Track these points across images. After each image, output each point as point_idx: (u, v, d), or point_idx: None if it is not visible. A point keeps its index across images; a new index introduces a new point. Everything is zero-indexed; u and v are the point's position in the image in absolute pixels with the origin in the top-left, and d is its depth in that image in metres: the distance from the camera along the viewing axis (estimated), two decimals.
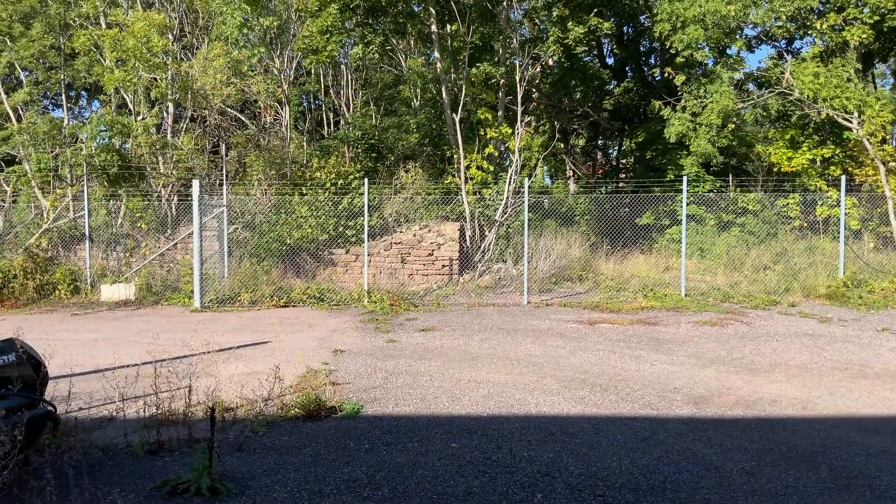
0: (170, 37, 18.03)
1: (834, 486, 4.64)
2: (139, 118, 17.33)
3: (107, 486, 4.50)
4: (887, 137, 17.47)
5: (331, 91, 24.14)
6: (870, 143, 15.78)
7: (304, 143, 20.43)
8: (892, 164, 16.62)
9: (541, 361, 8.35)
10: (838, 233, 14.27)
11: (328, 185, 15.75)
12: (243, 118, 21.03)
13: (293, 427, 5.85)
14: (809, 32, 17.57)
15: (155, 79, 17.04)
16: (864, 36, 16.01)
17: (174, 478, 4.59)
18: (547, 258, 15.52)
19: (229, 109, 20.08)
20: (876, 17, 15.99)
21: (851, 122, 15.90)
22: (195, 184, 12.92)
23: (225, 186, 15.40)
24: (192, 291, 13.08)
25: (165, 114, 18.37)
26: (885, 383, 7.39)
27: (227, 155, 17.27)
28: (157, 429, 5.41)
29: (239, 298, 13.05)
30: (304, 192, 15.59)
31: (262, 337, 9.87)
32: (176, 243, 15.57)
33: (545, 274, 15.21)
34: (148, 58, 16.05)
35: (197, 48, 19.34)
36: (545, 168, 29.28)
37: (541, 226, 16.85)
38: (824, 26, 16.38)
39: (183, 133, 17.97)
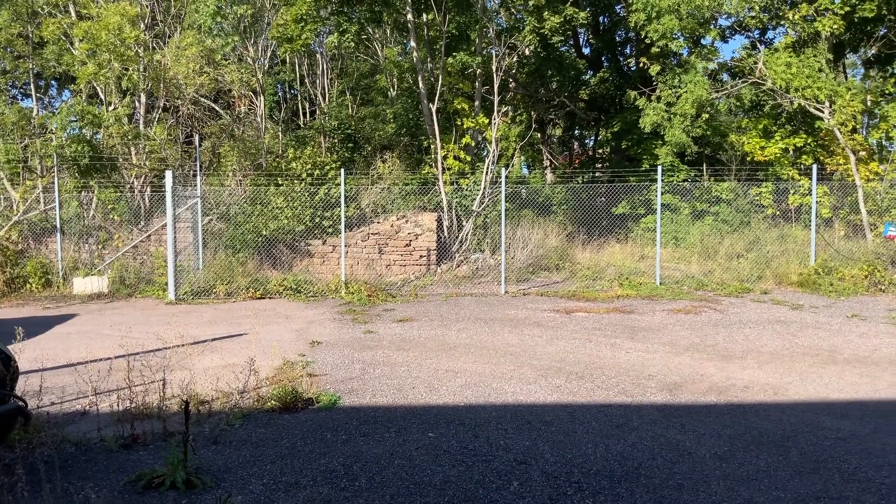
0: (141, 26, 17.71)
1: (804, 470, 4.73)
2: (111, 108, 17.04)
3: (80, 481, 4.44)
4: (857, 127, 17.74)
5: (306, 80, 23.91)
6: (840, 132, 16.02)
7: (280, 133, 20.23)
8: (862, 153, 16.91)
9: (518, 350, 8.40)
10: (810, 221, 14.50)
11: (304, 175, 15.64)
12: (217, 108, 20.77)
13: (269, 419, 5.83)
14: (782, 23, 17.78)
15: (127, 69, 16.74)
16: (836, 26, 16.22)
17: (149, 472, 4.55)
18: (524, 248, 15.58)
19: (203, 99, 19.80)
20: (847, 8, 16.20)
21: (823, 112, 16.13)
22: (168, 175, 12.76)
23: (199, 177, 15.21)
24: (166, 284, 12.94)
25: (137, 103, 18.06)
26: (854, 368, 7.55)
27: (200, 145, 17.04)
28: (131, 423, 5.35)
29: (214, 290, 12.94)
30: (280, 182, 15.46)
31: (237, 329, 9.80)
32: (149, 235, 15.37)
33: (522, 263, 15.27)
34: (122, 51, 15.75)
35: (169, 37, 19.03)
36: (522, 158, 29.34)
37: (518, 216, 16.89)
38: (796, 17, 16.56)
39: (155, 123, 17.70)
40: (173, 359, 7.21)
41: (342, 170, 14.04)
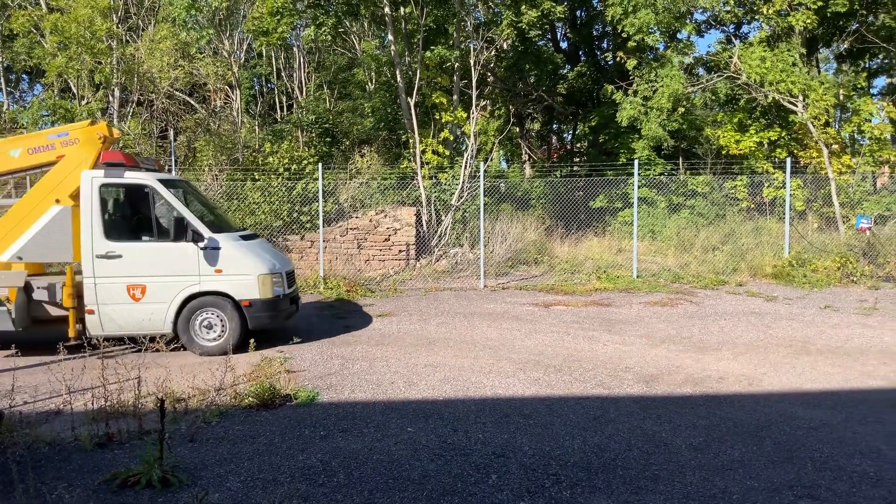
0: (114, 18, 17.44)
1: (777, 459, 4.81)
2: (83, 102, 16.77)
3: (53, 481, 4.39)
4: (830, 120, 18.01)
5: (283, 74, 23.73)
6: (814, 126, 16.25)
7: (256, 128, 20.08)
8: (834, 146, 17.17)
9: (497, 344, 8.43)
10: (784, 214, 14.70)
11: (281, 170, 15.52)
12: (192, 102, 20.53)
13: (247, 416, 5.79)
14: (756, 17, 17.94)
15: (99, 62, 16.48)
16: (809, 21, 16.42)
17: (124, 470, 4.50)
18: (503, 242, 15.61)
19: (178, 93, 19.57)
20: (820, 3, 16.40)
21: (797, 106, 16.34)
22: None
23: (174, 172, 15.03)
24: None
25: (111, 97, 17.81)
26: (827, 359, 7.68)
27: (175, 140, 16.85)
28: (105, 421, 5.29)
29: None
30: (257, 177, 15.34)
31: None
32: None
33: (501, 258, 15.31)
34: (92, 43, 15.49)
35: (143, 30, 18.77)
36: (501, 152, 29.38)
37: (497, 210, 16.93)
38: (770, 11, 16.73)
39: (129, 117, 17.47)
40: (148, 356, 7.13)
41: (320, 164, 13.95)
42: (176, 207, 8.11)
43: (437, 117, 17.11)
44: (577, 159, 25.34)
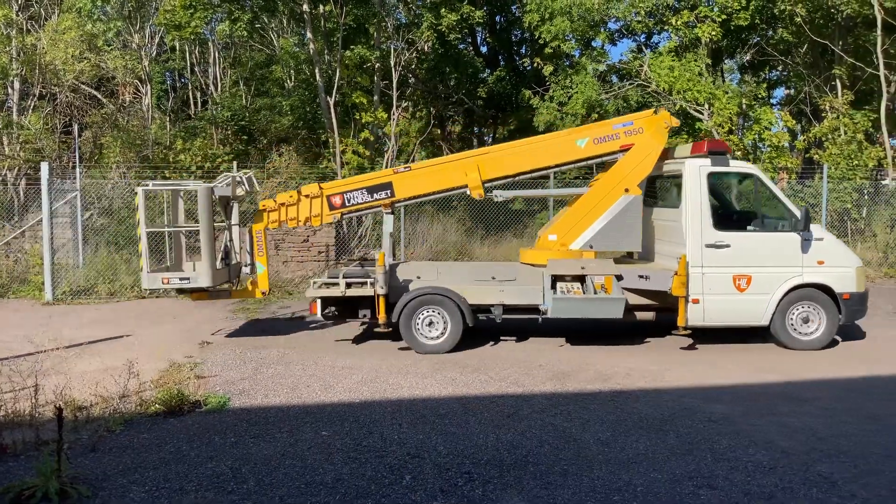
0: (14, 6, 16.44)
1: (679, 452, 5.03)
2: None
3: None
4: (734, 129, 18.95)
5: (197, 69, 22.98)
6: (718, 133, 17.08)
7: (168, 124, 19.35)
8: (737, 153, 18.07)
9: None
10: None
11: (194, 168, 15.01)
12: (99, 96, 19.59)
13: (153, 424, 5.58)
14: (666, 28, 18.70)
15: None
16: (714, 33, 17.25)
17: (18, 483, 4.25)
18: (424, 243, 15.65)
19: (83, 86, 18.63)
20: (724, 16, 17.27)
21: (703, 114, 17.14)
22: (44, 167, 11.98)
23: (78, 169, 14.28)
24: (42, 283, 12.11)
25: (10, 90, 16.78)
26: (727, 355, 8.10)
27: (80, 135, 16.04)
28: None
29: (96, 290, 12.22)
30: (168, 175, 14.78)
31: (121, 330, 9.31)
32: (23, 231, 14.29)
33: (421, 259, 15.34)
34: None
35: (46, 19, 17.78)
36: (424, 154, 29.42)
37: (418, 211, 16.94)
38: (679, 22, 17.48)
39: (30, 111, 16.51)
40: (47, 363, 6.77)
41: (235, 162, 13.60)
42: (778, 196, 8.15)
43: (358, 117, 16.97)
44: None
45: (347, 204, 8.73)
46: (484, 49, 24.97)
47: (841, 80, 18.31)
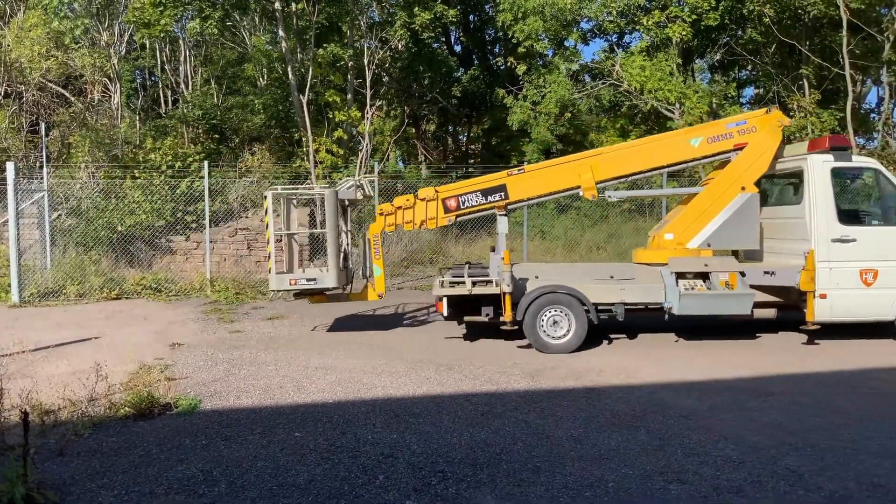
0: None
1: (650, 448, 5.08)
2: None
3: None
4: None
5: (167, 67, 22.66)
6: None
7: (138, 122, 19.06)
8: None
9: (390, 345, 8.44)
10: (662, 215, 15.54)
11: (164, 167, 14.81)
12: (67, 94, 19.23)
13: (122, 427, 5.50)
14: (637, 28, 18.89)
15: None
16: (685, 33, 17.47)
17: None
18: (399, 242, 15.63)
19: (51, 84, 18.28)
20: (694, 17, 17.49)
21: (673, 113, 17.35)
22: (10, 166, 11.76)
23: (46, 169, 14.02)
24: (9, 285, 11.87)
25: None
26: (697, 350, 8.21)
27: (48, 134, 15.73)
28: None
29: (64, 291, 12.02)
30: (137, 175, 14.56)
31: (89, 332, 9.15)
32: None
33: (397, 258, 15.32)
34: None
35: (12, 16, 17.41)
36: (398, 152, 29.37)
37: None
38: (650, 22, 17.67)
39: None
40: (13, 366, 6.63)
41: (206, 162, 13.44)
42: None
43: (331, 116, 16.89)
44: (472, 161, 25.73)
45: (462, 207, 8.85)
46: (458, 48, 25.01)
47: (808, 80, 18.64)
